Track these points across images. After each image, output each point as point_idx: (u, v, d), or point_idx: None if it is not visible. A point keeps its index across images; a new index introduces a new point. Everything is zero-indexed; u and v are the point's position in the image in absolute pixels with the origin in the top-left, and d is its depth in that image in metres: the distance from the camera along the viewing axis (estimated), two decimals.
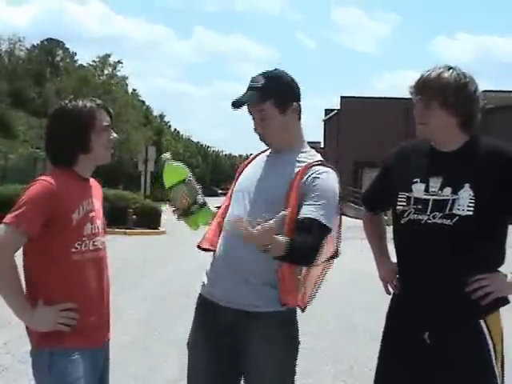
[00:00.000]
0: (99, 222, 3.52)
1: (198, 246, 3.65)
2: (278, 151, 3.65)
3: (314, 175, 3.44)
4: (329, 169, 3.52)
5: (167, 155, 3.59)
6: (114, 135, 3.53)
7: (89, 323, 3.39)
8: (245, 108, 3.59)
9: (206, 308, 3.60)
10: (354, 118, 52.37)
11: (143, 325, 9.42)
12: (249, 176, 3.67)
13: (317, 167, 3.48)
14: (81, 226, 3.38)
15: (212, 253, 3.63)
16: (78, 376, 3.29)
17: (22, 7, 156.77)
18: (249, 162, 3.82)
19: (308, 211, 3.35)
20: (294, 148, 3.61)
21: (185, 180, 3.54)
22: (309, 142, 3.73)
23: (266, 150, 3.78)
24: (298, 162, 3.53)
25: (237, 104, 3.54)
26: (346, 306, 10.98)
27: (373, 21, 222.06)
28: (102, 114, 3.47)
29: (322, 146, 69.65)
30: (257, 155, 3.83)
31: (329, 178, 3.47)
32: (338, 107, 56.88)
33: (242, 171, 3.77)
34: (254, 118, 3.60)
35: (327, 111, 65.19)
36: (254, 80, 3.56)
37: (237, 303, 3.46)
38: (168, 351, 7.82)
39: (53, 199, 3.25)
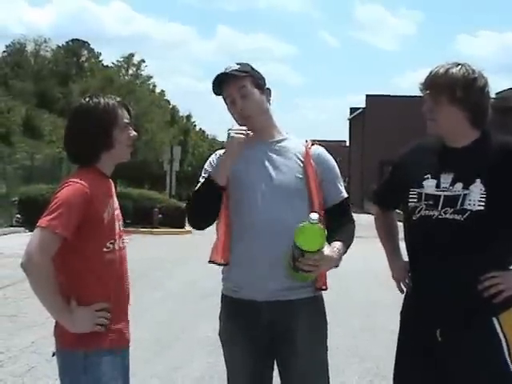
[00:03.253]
0: (121, 220, 3.54)
1: (212, 262, 3.64)
2: (260, 135, 3.68)
3: (319, 156, 3.69)
4: (320, 146, 3.77)
5: (315, 216, 3.33)
6: (134, 133, 3.53)
7: (120, 323, 3.41)
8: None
9: (245, 309, 3.62)
10: (380, 117, 52.18)
11: (168, 324, 9.44)
12: (244, 172, 3.64)
13: (314, 147, 3.72)
14: (111, 225, 3.38)
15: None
16: (113, 376, 3.31)
17: (44, 9, 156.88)
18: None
19: (339, 191, 3.72)
20: (276, 133, 3.76)
21: (320, 249, 3.37)
22: (334, 141, 3.81)
23: None
24: (294, 148, 3.69)
25: (221, 80, 3.64)
26: (370, 305, 10.95)
27: (397, 18, 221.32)
28: (122, 111, 3.47)
29: (348, 144, 69.50)
30: None
31: (328, 154, 3.77)
32: (364, 105, 56.68)
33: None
34: (231, 101, 3.67)
35: (352, 110, 64.95)
36: (228, 68, 3.67)
37: (279, 296, 3.54)
38: (193, 350, 7.85)
39: (86, 201, 3.24)
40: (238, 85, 3.62)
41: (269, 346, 3.63)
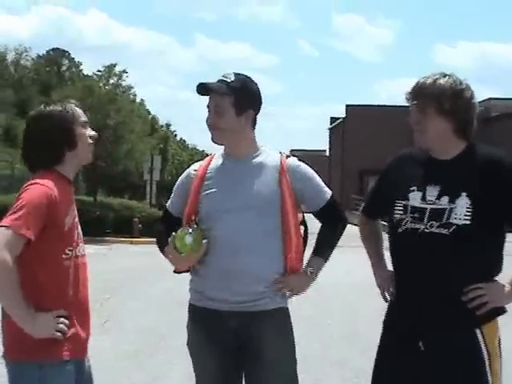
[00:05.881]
0: (79, 228, 3.48)
1: (177, 272, 3.74)
2: (234, 155, 3.74)
3: (293, 168, 3.70)
4: (294, 157, 3.79)
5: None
6: (93, 132, 3.52)
7: (77, 331, 3.34)
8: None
9: (210, 317, 3.65)
10: (360, 126, 52.30)
11: (147, 334, 9.41)
12: (218, 190, 3.67)
13: (288, 160, 3.73)
14: (71, 232, 3.34)
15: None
16: None
17: (23, 18, 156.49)
18: (202, 175, 3.75)
19: (322, 194, 3.77)
20: (253, 153, 3.74)
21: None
22: (314, 150, 3.80)
23: (212, 158, 3.86)
24: (269, 162, 3.71)
25: (203, 88, 3.66)
26: (351, 315, 10.95)
27: (375, 28, 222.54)
28: (80, 112, 3.48)
29: (328, 154, 69.59)
30: (207, 164, 3.81)
31: (303, 163, 3.79)
32: (344, 115, 56.81)
33: (199, 187, 3.72)
34: (208, 109, 3.69)
35: (332, 119, 65.11)
36: (225, 75, 3.67)
37: (243, 307, 3.58)
38: (172, 360, 7.81)
39: (51, 204, 3.19)
40: (215, 100, 3.63)
41: (237, 357, 3.65)
